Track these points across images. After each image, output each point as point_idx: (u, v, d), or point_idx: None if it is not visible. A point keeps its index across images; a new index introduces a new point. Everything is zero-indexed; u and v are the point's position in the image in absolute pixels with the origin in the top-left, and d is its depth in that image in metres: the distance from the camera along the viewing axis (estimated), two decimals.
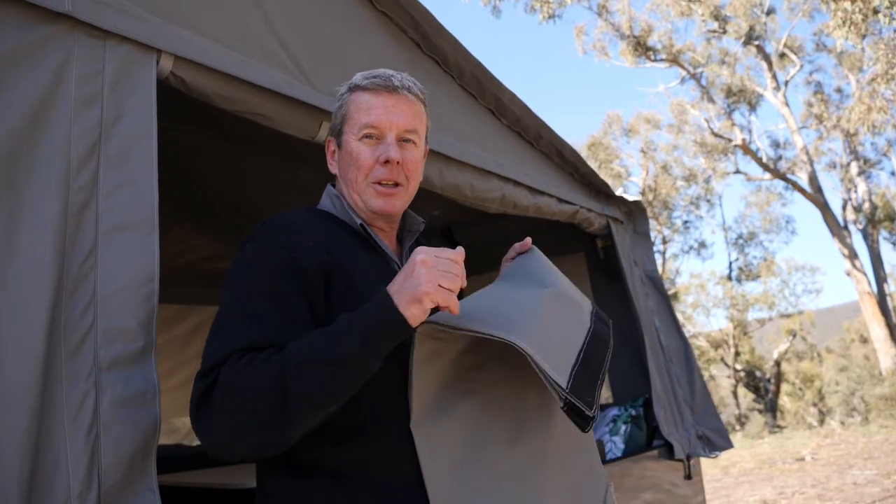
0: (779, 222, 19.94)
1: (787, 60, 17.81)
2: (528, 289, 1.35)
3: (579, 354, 1.24)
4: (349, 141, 1.32)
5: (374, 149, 1.30)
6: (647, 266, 3.38)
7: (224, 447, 1.07)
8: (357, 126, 1.31)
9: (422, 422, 1.17)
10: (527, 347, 1.10)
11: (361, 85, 1.33)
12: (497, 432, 1.24)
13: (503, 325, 1.14)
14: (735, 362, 19.81)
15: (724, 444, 3.17)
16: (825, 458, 9.49)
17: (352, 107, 1.33)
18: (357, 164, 1.31)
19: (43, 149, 1.16)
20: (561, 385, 1.10)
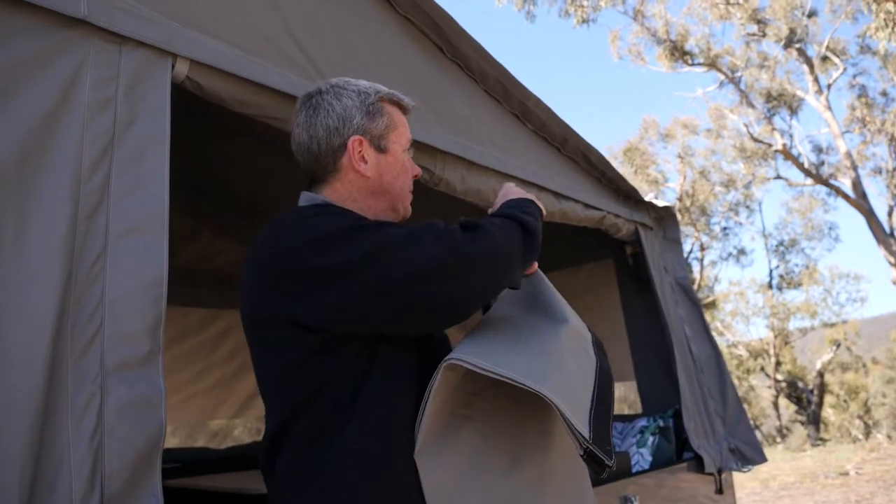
0: (821, 229, 19.43)
1: (830, 63, 17.37)
2: (544, 321, 1.35)
3: (593, 396, 1.24)
4: (398, 150, 1.40)
5: (411, 163, 1.46)
6: (677, 273, 3.30)
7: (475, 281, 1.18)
8: (405, 140, 1.43)
9: (425, 450, 1.15)
10: (554, 398, 1.10)
11: (399, 101, 1.43)
12: (496, 459, 1.22)
13: (529, 368, 1.15)
14: (776, 372, 19.34)
15: (757, 457, 3.06)
16: (870, 473, 9.18)
17: (396, 118, 1.41)
18: (407, 175, 1.42)
19: (55, 153, 1.17)
20: (585, 436, 1.11)
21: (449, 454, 1.17)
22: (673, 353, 3.00)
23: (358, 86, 1.39)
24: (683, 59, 17.73)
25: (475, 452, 1.19)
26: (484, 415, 1.23)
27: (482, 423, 1.22)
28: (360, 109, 1.35)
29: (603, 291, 3.54)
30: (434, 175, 2.12)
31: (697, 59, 17.78)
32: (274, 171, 2.98)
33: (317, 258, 1.12)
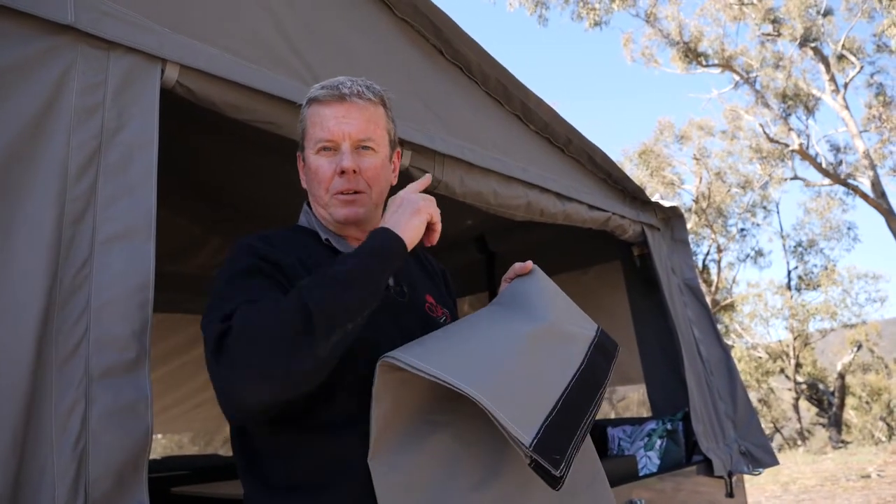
0: (840, 229, 19.16)
1: (846, 62, 17.15)
2: (512, 323, 1.27)
3: (557, 402, 1.13)
4: (309, 156, 1.33)
5: (331, 161, 1.30)
6: (685, 274, 3.25)
7: (252, 385, 1.00)
8: (313, 140, 1.31)
9: (381, 454, 1.09)
10: (484, 400, 1.01)
11: (316, 97, 1.32)
12: (469, 468, 1.15)
13: (466, 369, 1.07)
14: (796, 374, 19.09)
15: (768, 460, 3.01)
16: (892, 476, 9.02)
17: (308, 121, 1.33)
18: (318, 179, 1.31)
19: (41, 158, 1.17)
20: (524, 442, 1.00)
21: (413, 461, 1.11)
22: (681, 355, 2.96)
23: (308, 95, 1.36)
24: (697, 60, 17.61)
25: (450, 459, 1.14)
26: (464, 419, 1.17)
27: (461, 427, 1.16)
28: (299, 124, 1.39)
29: (611, 293, 3.50)
30: (433, 177, 2.11)
31: (712, 60, 17.65)
32: (281, 177, 2.98)
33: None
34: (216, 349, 1.01)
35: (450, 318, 1.44)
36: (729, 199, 19.49)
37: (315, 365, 1.02)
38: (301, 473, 1.14)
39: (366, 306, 1.09)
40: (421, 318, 1.34)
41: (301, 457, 1.15)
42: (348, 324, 1.05)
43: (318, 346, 1.01)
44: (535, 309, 1.31)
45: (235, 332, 1.00)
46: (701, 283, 3.65)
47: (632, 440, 2.95)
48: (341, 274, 1.08)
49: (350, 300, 1.06)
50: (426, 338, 1.19)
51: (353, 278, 1.08)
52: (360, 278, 1.09)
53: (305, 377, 1.02)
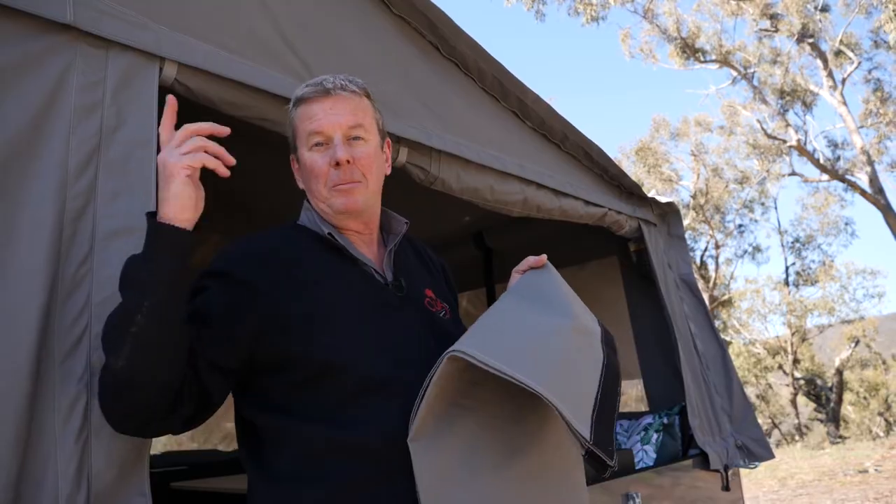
0: (837, 225, 19.20)
1: (844, 58, 17.17)
2: (550, 317, 1.33)
3: (597, 396, 1.22)
4: (303, 153, 1.34)
5: (324, 155, 1.31)
6: (682, 269, 3.27)
7: (110, 414, 1.08)
8: (305, 136, 1.33)
9: (421, 437, 1.15)
10: (554, 399, 1.09)
11: (301, 96, 1.34)
12: (492, 450, 1.21)
13: (531, 366, 1.14)
14: (794, 370, 19.15)
15: (764, 454, 3.03)
16: (890, 471, 9.05)
17: (297, 120, 1.35)
18: (314, 174, 1.32)
19: (41, 156, 1.18)
20: (585, 437, 1.10)
21: (445, 443, 1.17)
22: (678, 349, 2.98)
23: (293, 96, 1.39)
24: (695, 56, 17.62)
25: (473, 442, 1.20)
26: (484, 405, 1.23)
27: (483, 412, 1.22)
28: (287, 127, 1.41)
29: (607, 289, 3.52)
30: (429, 174, 2.13)
31: (709, 55, 17.66)
32: (280, 174, 2.99)
33: None
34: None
35: (449, 313, 1.46)
36: (727, 195, 19.53)
37: (122, 380, 1.03)
38: (309, 461, 1.17)
39: (163, 316, 1.04)
40: (420, 312, 1.36)
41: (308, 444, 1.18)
42: (129, 327, 1.02)
43: (110, 358, 1.04)
44: (559, 303, 1.37)
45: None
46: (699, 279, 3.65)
47: (628, 434, 2.97)
48: (122, 285, 1.08)
49: (139, 311, 1.03)
50: (482, 328, 1.24)
51: (131, 284, 1.06)
52: (137, 285, 1.05)
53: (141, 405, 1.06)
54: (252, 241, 1.33)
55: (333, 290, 1.27)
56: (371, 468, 1.16)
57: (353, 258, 1.34)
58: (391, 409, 1.18)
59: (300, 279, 1.25)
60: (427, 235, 2.52)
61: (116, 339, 1.03)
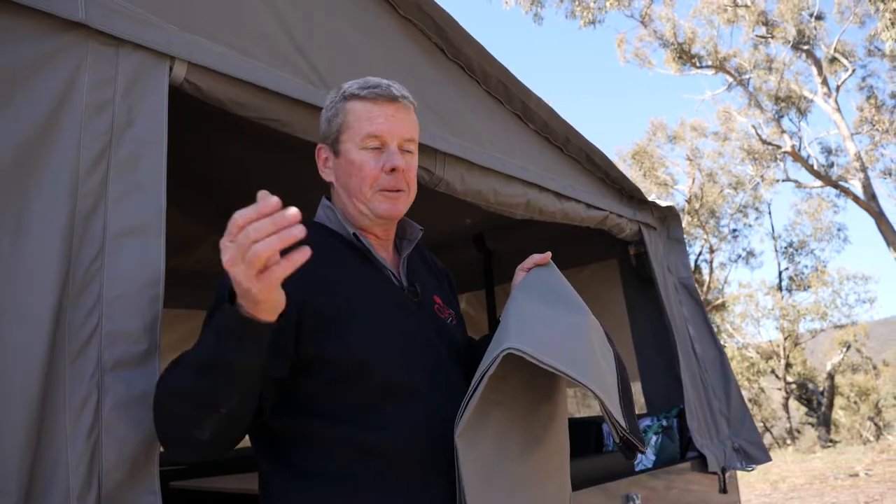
0: (830, 230, 19.31)
1: (839, 65, 17.28)
2: (571, 313, 1.37)
3: (618, 385, 1.28)
4: (351, 150, 1.32)
5: (377, 158, 1.31)
6: (681, 273, 3.29)
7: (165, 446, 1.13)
8: (360, 135, 1.31)
9: (466, 432, 1.19)
10: (601, 393, 1.16)
11: (359, 94, 1.33)
12: (518, 439, 1.28)
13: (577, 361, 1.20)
14: (786, 374, 19.24)
15: (761, 456, 3.05)
16: (880, 474, 9.11)
17: (350, 116, 1.33)
18: (362, 174, 1.31)
19: (53, 154, 1.18)
20: (623, 426, 1.19)
21: (483, 435, 1.22)
22: (677, 352, 2.99)
23: (338, 90, 1.38)
24: (691, 61, 17.70)
25: (502, 433, 1.25)
26: (507, 398, 1.27)
27: (507, 406, 1.27)
28: (324, 117, 1.39)
29: (607, 292, 3.53)
30: (434, 175, 2.13)
31: (705, 61, 17.74)
32: (281, 174, 2.99)
33: None
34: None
35: (455, 320, 1.48)
36: (721, 199, 19.61)
37: (203, 442, 1.05)
38: (327, 460, 1.18)
39: (235, 383, 1.02)
40: (431, 318, 1.38)
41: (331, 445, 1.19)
42: (222, 406, 1.02)
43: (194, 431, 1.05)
44: (572, 299, 1.42)
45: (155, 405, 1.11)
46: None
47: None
48: (195, 359, 1.05)
49: (208, 385, 1.02)
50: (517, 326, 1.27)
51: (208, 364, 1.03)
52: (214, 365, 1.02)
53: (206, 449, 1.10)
54: None
55: (358, 291, 1.26)
56: (391, 468, 1.18)
57: (374, 260, 1.34)
58: (411, 411, 1.21)
59: (328, 279, 1.24)
60: (428, 237, 2.53)
61: (202, 416, 1.03)
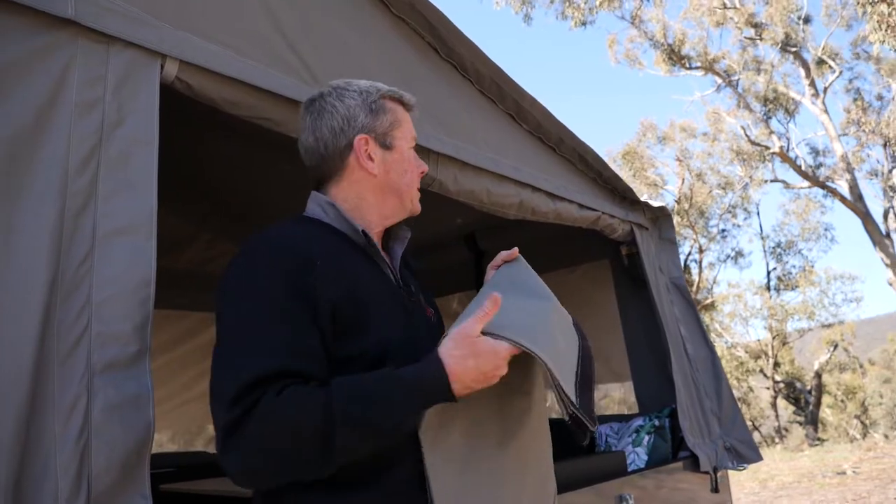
0: (818, 231, 19.45)
1: (826, 67, 17.42)
2: (533, 299, 1.38)
3: (577, 368, 1.31)
4: (404, 147, 1.38)
5: (418, 160, 1.43)
6: (672, 273, 3.29)
7: (254, 477, 1.05)
8: (410, 136, 1.40)
9: (429, 427, 1.17)
10: (549, 361, 1.17)
11: (400, 98, 1.40)
12: (489, 435, 1.28)
13: (526, 334, 1.20)
14: (774, 373, 19.36)
15: (752, 456, 3.06)
16: (867, 472, 9.18)
17: (400, 115, 1.39)
18: (415, 172, 1.40)
19: (42, 153, 1.17)
20: (572, 400, 1.21)
21: (451, 429, 1.21)
22: (669, 352, 3.00)
23: (359, 85, 1.37)
24: (681, 62, 17.78)
25: (472, 428, 1.24)
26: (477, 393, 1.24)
27: (476, 400, 1.24)
28: (364, 108, 1.34)
29: (599, 292, 3.53)
30: (427, 175, 2.12)
31: (695, 62, 17.82)
32: (272, 173, 2.98)
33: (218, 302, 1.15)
34: (228, 437, 1.00)
35: (434, 317, 1.47)
36: (710, 200, 19.69)
37: (317, 475, 1.05)
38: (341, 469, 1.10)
39: (390, 433, 1.08)
40: (423, 317, 1.37)
41: None
42: (369, 445, 1.07)
43: (330, 467, 1.04)
44: (538, 287, 1.44)
45: (250, 436, 0.99)
46: None
47: (619, 436, 2.98)
48: (383, 425, 1.06)
49: (380, 444, 1.08)
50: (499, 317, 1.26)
51: (393, 431, 1.08)
52: (398, 432, 1.09)
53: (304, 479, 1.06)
54: (286, 231, 1.22)
55: (370, 292, 1.22)
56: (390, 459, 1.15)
57: (377, 257, 1.32)
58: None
59: (347, 279, 1.19)
60: (420, 237, 2.52)
61: (375, 437, 1.06)
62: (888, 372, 19.93)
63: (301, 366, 1.05)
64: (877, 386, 19.73)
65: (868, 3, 8.83)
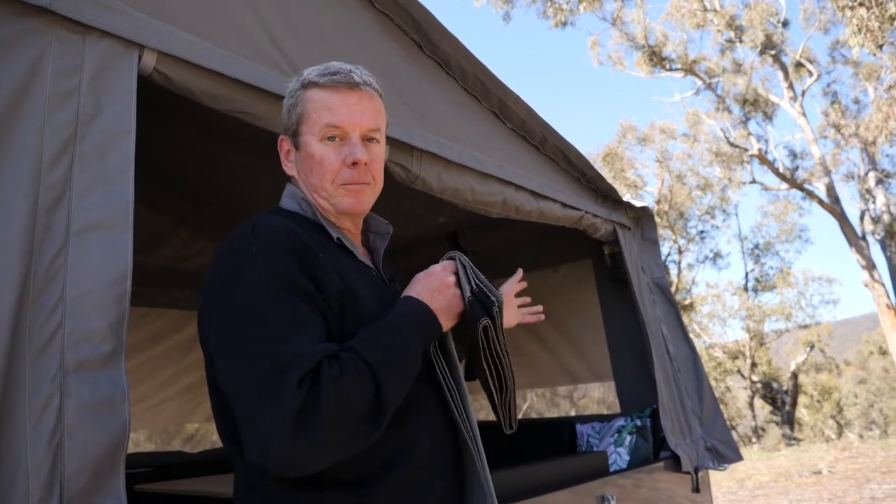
0: (793, 232, 19.70)
1: (804, 70, 17.64)
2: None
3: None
4: (309, 143, 1.24)
5: (338, 150, 1.23)
6: (654, 273, 3.30)
7: (322, 457, 1.00)
8: (318, 126, 1.23)
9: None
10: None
11: (318, 82, 1.25)
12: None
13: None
14: (752, 374, 19.57)
15: (733, 456, 3.07)
16: (843, 472, 9.30)
17: (309, 105, 1.24)
18: (322, 168, 1.23)
19: (14, 145, 1.13)
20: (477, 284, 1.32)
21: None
22: (650, 352, 3.00)
23: (299, 77, 1.29)
24: (661, 64, 17.90)
25: None
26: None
27: None
28: (284, 106, 1.29)
29: (581, 292, 3.53)
30: (410, 173, 2.10)
31: (675, 64, 17.95)
32: (251, 169, 2.93)
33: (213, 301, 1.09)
34: (297, 424, 0.95)
35: None
36: (689, 201, 19.85)
37: (371, 440, 1.06)
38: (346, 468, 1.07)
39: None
40: None
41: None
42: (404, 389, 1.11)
43: (382, 426, 1.06)
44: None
45: (323, 413, 0.96)
46: None
47: (600, 436, 2.98)
48: (409, 361, 1.12)
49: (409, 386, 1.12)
50: None
51: (417, 365, 1.13)
52: (418, 365, 1.14)
53: (355, 451, 1.05)
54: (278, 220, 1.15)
55: (360, 287, 1.18)
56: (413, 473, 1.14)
57: (357, 257, 1.28)
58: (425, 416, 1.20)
59: (340, 266, 1.16)
60: (401, 235, 2.50)
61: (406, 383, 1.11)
62: (863, 372, 20.24)
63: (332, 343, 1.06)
64: (852, 386, 20.03)
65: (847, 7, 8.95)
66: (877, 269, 15.94)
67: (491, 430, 1.54)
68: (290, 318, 1.02)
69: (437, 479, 1.18)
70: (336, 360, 1.01)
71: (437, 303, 1.21)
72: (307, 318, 1.04)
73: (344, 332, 1.11)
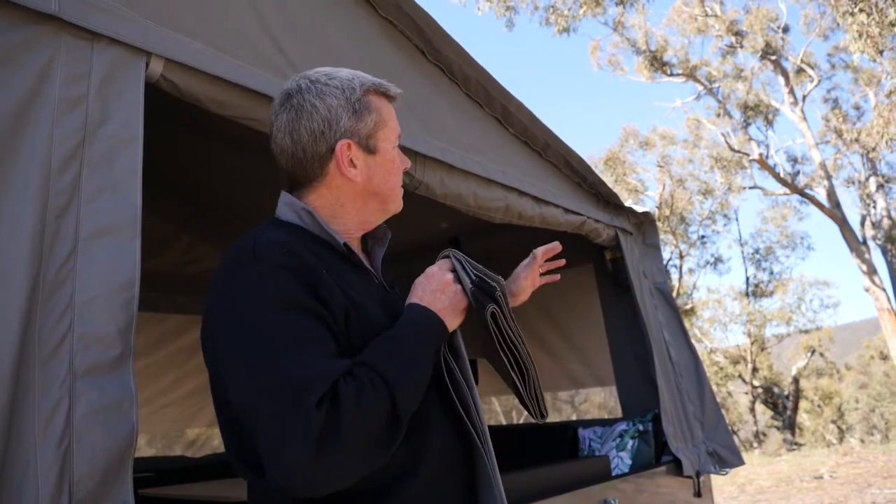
0: (794, 238, 19.71)
1: (804, 76, 17.67)
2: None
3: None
4: (387, 149, 1.26)
5: (401, 157, 1.31)
6: (656, 278, 3.31)
7: (347, 475, 0.99)
8: (395, 134, 1.28)
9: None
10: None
11: (389, 92, 1.28)
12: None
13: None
14: (753, 378, 19.56)
15: (734, 460, 3.08)
16: (844, 477, 9.28)
17: (384, 111, 1.25)
18: (397, 173, 1.30)
19: (23, 151, 1.14)
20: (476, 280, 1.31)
21: None
22: (652, 357, 3.01)
23: (341, 81, 1.23)
24: (662, 69, 17.93)
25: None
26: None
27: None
28: (347, 109, 1.20)
29: (583, 297, 3.54)
30: (414, 178, 2.11)
31: (676, 69, 17.99)
32: (253, 174, 2.95)
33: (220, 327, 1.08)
34: (319, 446, 0.93)
35: None
36: (690, 206, 19.86)
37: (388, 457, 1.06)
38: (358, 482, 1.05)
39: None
40: None
41: None
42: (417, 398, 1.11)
43: (399, 440, 1.06)
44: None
45: (345, 432, 0.95)
46: None
47: (602, 441, 2.99)
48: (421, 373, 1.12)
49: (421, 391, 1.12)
50: None
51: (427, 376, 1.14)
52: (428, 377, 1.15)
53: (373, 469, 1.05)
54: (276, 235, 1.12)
55: (365, 299, 1.17)
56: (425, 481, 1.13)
57: (361, 265, 1.26)
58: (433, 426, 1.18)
59: (342, 280, 1.14)
60: (403, 240, 2.51)
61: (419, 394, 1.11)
62: (864, 377, 20.23)
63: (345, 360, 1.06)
64: (853, 391, 20.02)
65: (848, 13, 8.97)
66: (878, 274, 15.95)
67: (494, 434, 1.55)
68: (302, 336, 1.01)
69: (448, 484, 1.17)
70: (351, 376, 1.01)
71: (440, 303, 1.21)
72: (318, 336, 1.03)
73: (352, 348, 1.09)
